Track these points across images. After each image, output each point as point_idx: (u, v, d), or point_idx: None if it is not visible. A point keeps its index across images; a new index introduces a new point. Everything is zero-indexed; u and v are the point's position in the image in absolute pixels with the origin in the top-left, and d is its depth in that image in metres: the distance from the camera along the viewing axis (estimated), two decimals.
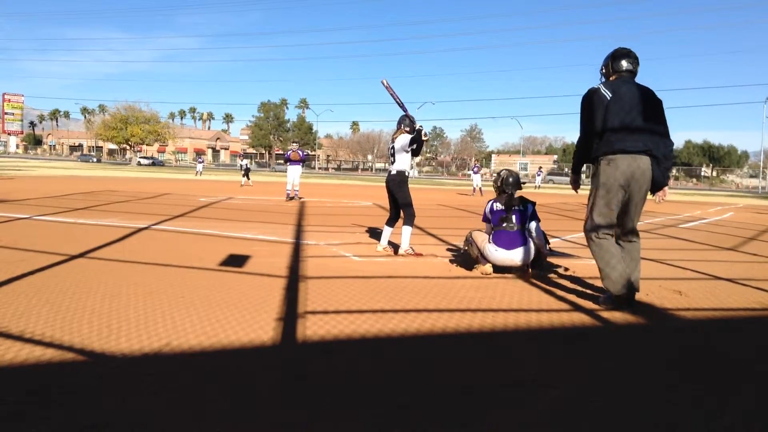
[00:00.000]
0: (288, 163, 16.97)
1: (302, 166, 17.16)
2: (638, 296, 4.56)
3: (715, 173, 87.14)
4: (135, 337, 3.18)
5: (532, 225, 5.58)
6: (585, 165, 4.72)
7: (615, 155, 4.27)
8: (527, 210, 5.56)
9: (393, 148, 6.83)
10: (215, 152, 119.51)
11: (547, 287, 5.04)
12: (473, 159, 40.37)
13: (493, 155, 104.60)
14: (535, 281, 5.26)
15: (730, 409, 2.57)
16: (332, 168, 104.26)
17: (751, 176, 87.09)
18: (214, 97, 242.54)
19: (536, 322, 3.93)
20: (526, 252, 5.43)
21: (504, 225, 5.49)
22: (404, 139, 6.71)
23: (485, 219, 5.75)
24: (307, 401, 2.46)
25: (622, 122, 4.27)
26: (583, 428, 2.32)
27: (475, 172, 27.23)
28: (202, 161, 45.09)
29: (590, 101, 4.39)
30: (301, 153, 16.96)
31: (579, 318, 4.08)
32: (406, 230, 6.58)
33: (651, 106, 4.38)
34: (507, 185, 5.69)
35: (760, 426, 2.42)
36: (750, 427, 2.41)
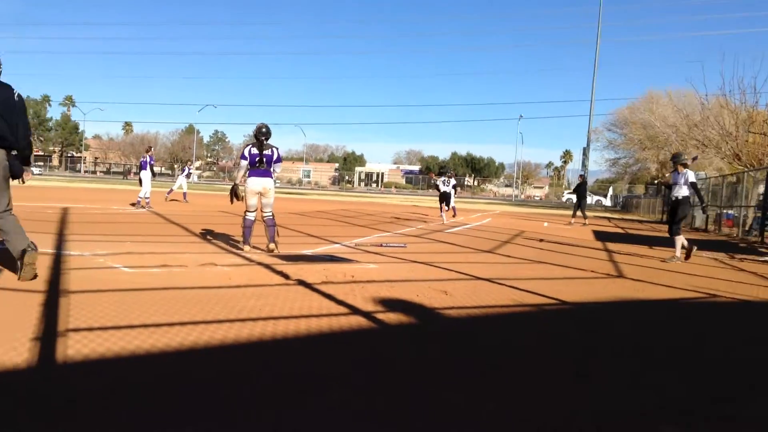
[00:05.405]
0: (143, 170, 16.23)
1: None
2: (410, 297, 4.90)
3: (476, 182, 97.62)
4: None
5: (278, 165, 7.97)
6: None
7: None
8: (273, 154, 7.77)
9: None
10: None
11: (327, 292, 5.16)
12: (188, 162, 36.27)
13: None
14: (317, 287, 5.36)
15: (493, 397, 2.88)
16: (100, 171, 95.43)
17: (507, 185, 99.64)
18: None
19: (317, 327, 4.00)
20: (271, 181, 7.86)
21: (258, 165, 7.67)
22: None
23: (243, 158, 7.75)
24: (67, 428, 2.21)
25: None
26: (368, 427, 2.41)
27: (186, 175, 23.89)
28: None
29: None
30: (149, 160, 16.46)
31: (357, 321, 4.24)
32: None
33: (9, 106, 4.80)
34: (261, 134, 7.72)
35: (513, 409, 2.74)
36: (505, 408, 2.71)
